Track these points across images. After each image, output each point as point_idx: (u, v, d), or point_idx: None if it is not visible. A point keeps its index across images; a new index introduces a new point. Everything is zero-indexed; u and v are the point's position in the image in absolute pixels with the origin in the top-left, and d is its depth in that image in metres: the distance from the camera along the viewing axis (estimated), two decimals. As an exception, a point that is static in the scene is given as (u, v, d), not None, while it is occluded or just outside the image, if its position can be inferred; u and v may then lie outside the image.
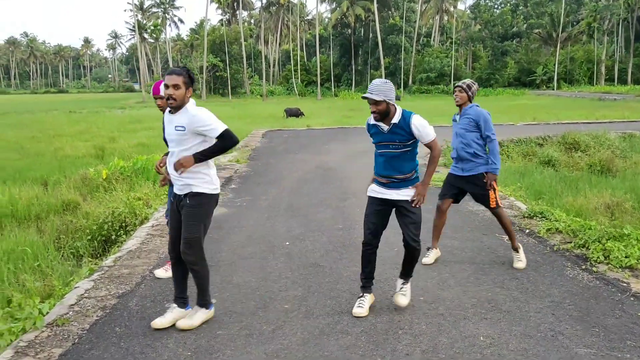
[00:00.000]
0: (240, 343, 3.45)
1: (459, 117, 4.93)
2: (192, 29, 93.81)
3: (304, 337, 3.51)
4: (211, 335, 3.57)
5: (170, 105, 3.50)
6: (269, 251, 5.45)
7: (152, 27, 79.64)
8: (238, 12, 71.96)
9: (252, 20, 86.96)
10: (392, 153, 3.77)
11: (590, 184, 10.11)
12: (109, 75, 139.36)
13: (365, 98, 3.69)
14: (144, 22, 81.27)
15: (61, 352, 3.36)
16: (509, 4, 72.92)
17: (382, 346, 3.38)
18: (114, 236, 6.88)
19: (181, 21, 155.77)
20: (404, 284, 3.98)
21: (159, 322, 3.64)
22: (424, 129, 3.70)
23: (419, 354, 3.27)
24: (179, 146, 3.57)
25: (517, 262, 4.88)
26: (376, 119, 3.75)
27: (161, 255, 5.22)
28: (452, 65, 63.59)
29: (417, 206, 3.81)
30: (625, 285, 4.35)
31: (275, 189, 8.90)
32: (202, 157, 3.53)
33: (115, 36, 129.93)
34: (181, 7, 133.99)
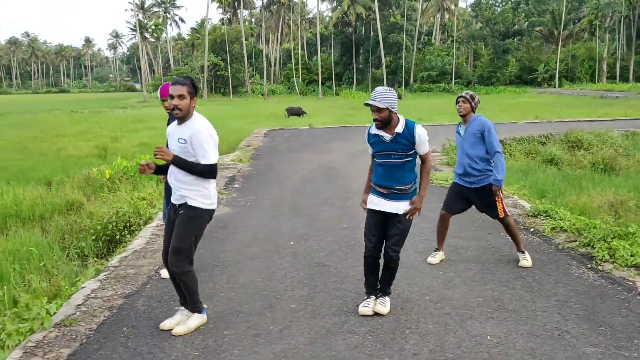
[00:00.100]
0: (247, 343, 3.46)
1: (464, 130, 4.83)
2: (193, 28, 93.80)
3: (311, 337, 3.52)
4: (218, 335, 3.58)
5: (176, 115, 3.50)
6: (274, 251, 5.46)
7: (153, 27, 79.76)
8: (239, 11, 71.95)
9: (253, 19, 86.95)
10: (393, 163, 3.75)
11: (594, 182, 10.10)
12: (110, 75, 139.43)
13: (368, 105, 3.66)
14: (145, 21, 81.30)
15: (69, 353, 3.37)
16: (510, 2, 72.79)
17: (389, 346, 3.38)
18: (118, 236, 6.89)
19: (182, 20, 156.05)
20: (382, 296, 3.93)
21: (168, 323, 3.66)
22: (425, 139, 3.74)
23: (427, 353, 3.28)
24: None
25: (523, 261, 4.88)
26: (378, 126, 3.72)
27: (166, 255, 5.22)
28: (453, 63, 63.52)
29: (410, 218, 3.82)
30: (631, 284, 4.36)
31: (279, 188, 8.91)
32: (181, 163, 3.45)
33: (116, 36, 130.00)
34: (182, 6, 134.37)
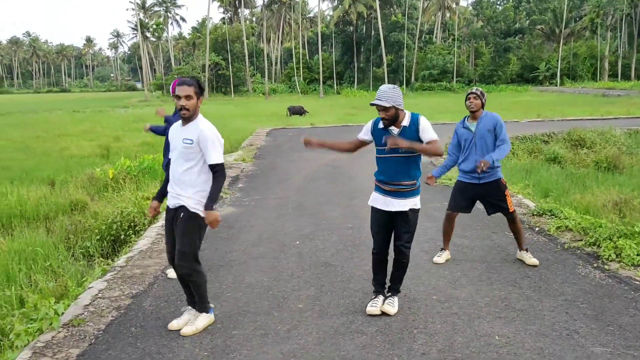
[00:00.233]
0: (256, 343, 3.47)
1: (474, 126, 4.76)
2: (194, 28, 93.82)
3: (320, 337, 3.52)
4: (227, 335, 3.58)
5: (183, 115, 3.52)
6: (280, 250, 5.46)
7: (154, 26, 79.78)
8: (240, 10, 71.96)
9: (254, 19, 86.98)
10: (399, 158, 3.74)
11: (597, 181, 10.10)
12: (111, 74, 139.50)
13: (374, 105, 3.65)
14: (146, 20, 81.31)
15: (79, 353, 3.38)
16: (511, 0, 72.66)
17: (397, 345, 3.39)
18: (122, 236, 6.90)
19: (183, 20, 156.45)
20: (391, 296, 3.94)
21: (176, 323, 3.66)
22: (428, 126, 3.69)
23: (435, 353, 3.28)
24: (184, 159, 3.53)
25: (531, 259, 4.88)
26: (385, 125, 3.71)
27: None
28: (455, 62, 63.47)
29: (416, 215, 3.80)
30: (638, 283, 4.35)
31: (283, 187, 8.91)
32: (212, 201, 3.52)
33: (117, 35, 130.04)
34: (183, 5, 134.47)
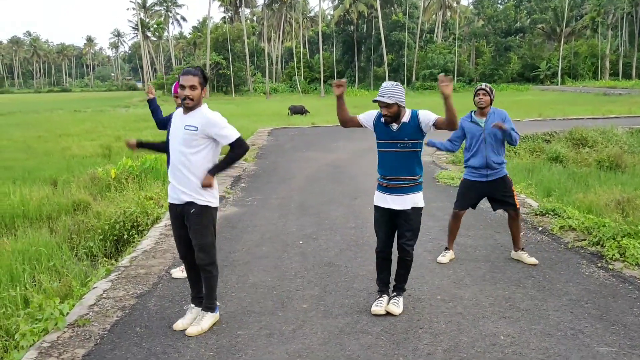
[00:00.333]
0: (261, 343, 3.47)
1: (484, 122, 4.78)
2: (195, 27, 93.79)
3: (325, 337, 3.52)
4: (232, 335, 3.58)
5: (186, 105, 3.49)
6: (283, 250, 5.46)
7: (154, 26, 79.80)
8: (240, 9, 71.97)
9: (254, 18, 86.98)
10: (398, 152, 3.75)
11: (600, 180, 10.09)
12: (112, 74, 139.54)
13: (377, 101, 3.65)
14: (147, 20, 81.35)
15: (84, 353, 3.38)
16: (512, -1, 72.66)
17: (403, 345, 3.39)
18: (125, 236, 6.91)
19: (184, 19, 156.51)
20: (396, 296, 3.94)
21: (181, 324, 3.66)
22: (429, 114, 3.71)
23: (441, 353, 3.28)
24: (186, 147, 3.50)
25: (529, 258, 4.90)
26: (388, 121, 3.72)
27: (176, 255, 5.22)
28: (455, 61, 63.44)
29: (419, 214, 3.79)
30: (642, 282, 4.35)
31: (285, 187, 8.92)
32: (218, 170, 3.56)
33: (118, 34, 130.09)
34: (183, 5, 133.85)
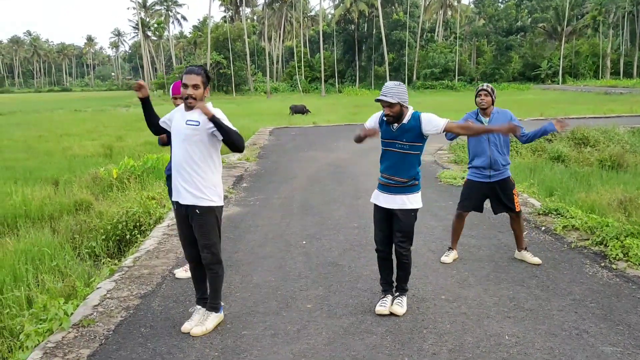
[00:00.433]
0: (266, 343, 3.47)
1: (487, 122, 4.78)
2: (195, 27, 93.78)
3: (330, 337, 3.52)
4: (237, 336, 3.59)
5: (189, 104, 3.46)
6: (286, 250, 5.46)
7: (155, 25, 79.77)
8: (241, 8, 71.95)
9: (255, 17, 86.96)
10: (396, 152, 3.74)
11: (602, 179, 10.08)
12: (112, 74, 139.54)
13: (379, 101, 3.64)
14: (147, 19, 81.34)
15: (89, 353, 3.39)
16: (513, -2, 72.55)
17: (408, 345, 3.39)
18: (128, 236, 6.91)
19: (184, 18, 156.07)
20: (399, 296, 3.95)
21: (188, 325, 3.65)
22: (434, 119, 3.67)
23: (446, 353, 3.28)
24: (188, 143, 3.49)
25: (533, 258, 4.90)
26: (389, 121, 3.70)
27: (179, 256, 5.24)
28: (456, 60, 63.39)
29: (412, 215, 3.79)
30: (646, 282, 4.35)
31: (287, 187, 8.91)
32: (219, 123, 3.39)
33: (118, 34, 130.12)
34: (184, 4, 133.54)
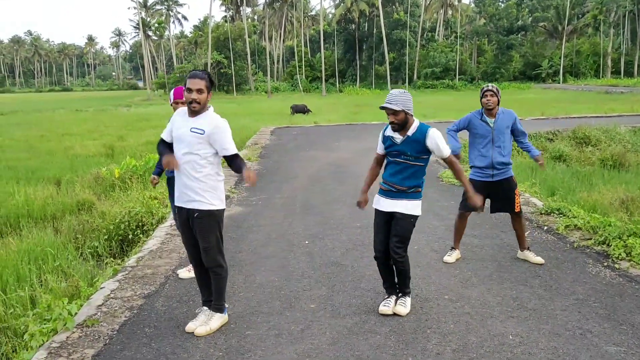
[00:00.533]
0: (270, 343, 3.48)
1: (493, 122, 4.81)
2: (196, 26, 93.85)
3: (333, 337, 3.53)
4: (241, 336, 3.59)
5: (193, 109, 3.45)
6: (289, 250, 5.47)
7: (156, 25, 79.77)
8: (242, 8, 71.93)
9: (255, 17, 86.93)
10: (402, 163, 3.73)
11: (603, 179, 10.09)
12: (113, 73, 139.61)
13: (384, 108, 3.62)
14: (148, 19, 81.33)
15: (94, 353, 3.39)
16: (513, -3, 72.49)
17: (412, 345, 3.39)
18: (131, 236, 6.92)
19: (185, 18, 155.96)
20: (402, 297, 3.95)
21: (193, 325, 3.66)
22: (439, 143, 3.65)
23: (450, 353, 3.29)
24: (192, 150, 3.48)
25: (535, 257, 4.91)
26: (394, 129, 3.68)
27: (182, 255, 5.25)
28: (457, 59, 63.34)
29: (411, 221, 3.75)
30: (650, 282, 4.35)
31: (289, 186, 8.92)
32: (245, 165, 3.54)
33: (119, 34, 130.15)
34: (185, 4, 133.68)
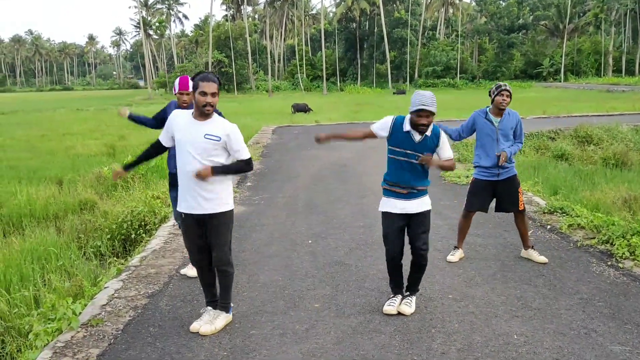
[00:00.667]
0: (275, 342, 3.48)
1: (498, 122, 4.78)
2: (197, 25, 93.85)
3: (338, 336, 3.53)
4: (245, 335, 3.59)
5: (207, 112, 3.46)
6: (292, 249, 5.47)
7: (156, 24, 79.73)
8: (242, 7, 71.91)
9: (256, 16, 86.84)
10: (412, 165, 3.73)
11: (606, 178, 10.08)
12: (114, 72, 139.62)
13: (423, 110, 3.58)
14: (149, 18, 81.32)
15: (99, 353, 3.40)
16: (514, -4, 72.37)
17: (416, 345, 3.39)
18: (133, 235, 6.92)
19: (186, 17, 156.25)
20: (409, 296, 3.95)
21: (197, 325, 3.65)
22: (448, 145, 3.78)
23: (455, 352, 3.29)
24: (207, 155, 3.47)
25: (539, 257, 4.91)
26: (423, 131, 3.68)
27: (186, 255, 5.24)
28: (458, 58, 63.27)
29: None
30: (654, 281, 4.35)
31: (291, 186, 8.91)
32: (222, 171, 3.51)
33: (120, 33, 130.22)
34: (185, 3, 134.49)
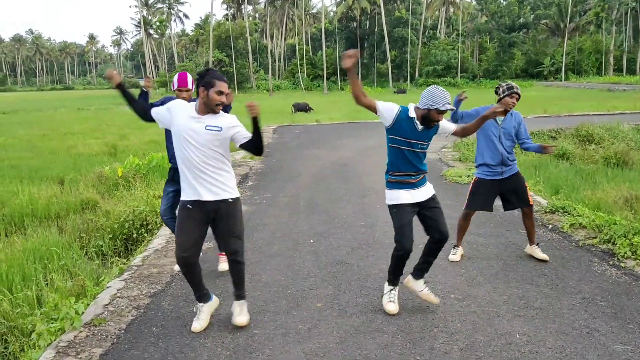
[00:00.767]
0: (277, 342, 3.48)
1: (501, 121, 4.79)
2: (197, 24, 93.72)
3: (341, 336, 3.53)
4: (248, 335, 3.60)
5: (218, 109, 3.56)
6: (294, 249, 5.47)
7: (157, 23, 79.75)
8: (243, 6, 71.88)
9: (257, 15, 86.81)
10: (416, 152, 3.77)
11: (607, 177, 10.07)
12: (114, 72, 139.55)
13: (446, 111, 3.60)
14: (149, 18, 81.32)
15: (101, 352, 3.40)
16: (515, -5, 72.30)
17: (419, 344, 3.40)
18: (135, 235, 6.93)
19: (186, 16, 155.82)
20: (426, 283, 3.97)
21: (199, 326, 3.67)
22: (447, 124, 3.88)
23: (457, 352, 3.29)
24: (210, 146, 3.52)
25: (541, 254, 4.93)
26: (432, 126, 3.71)
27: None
28: (459, 57, 63.26)
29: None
30: (656, 281, 4.35)
31: (293, 185, 8.92)
32: (259, 127, 3.59)
33: (120, 32, 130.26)
34: (186, 2, 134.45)
